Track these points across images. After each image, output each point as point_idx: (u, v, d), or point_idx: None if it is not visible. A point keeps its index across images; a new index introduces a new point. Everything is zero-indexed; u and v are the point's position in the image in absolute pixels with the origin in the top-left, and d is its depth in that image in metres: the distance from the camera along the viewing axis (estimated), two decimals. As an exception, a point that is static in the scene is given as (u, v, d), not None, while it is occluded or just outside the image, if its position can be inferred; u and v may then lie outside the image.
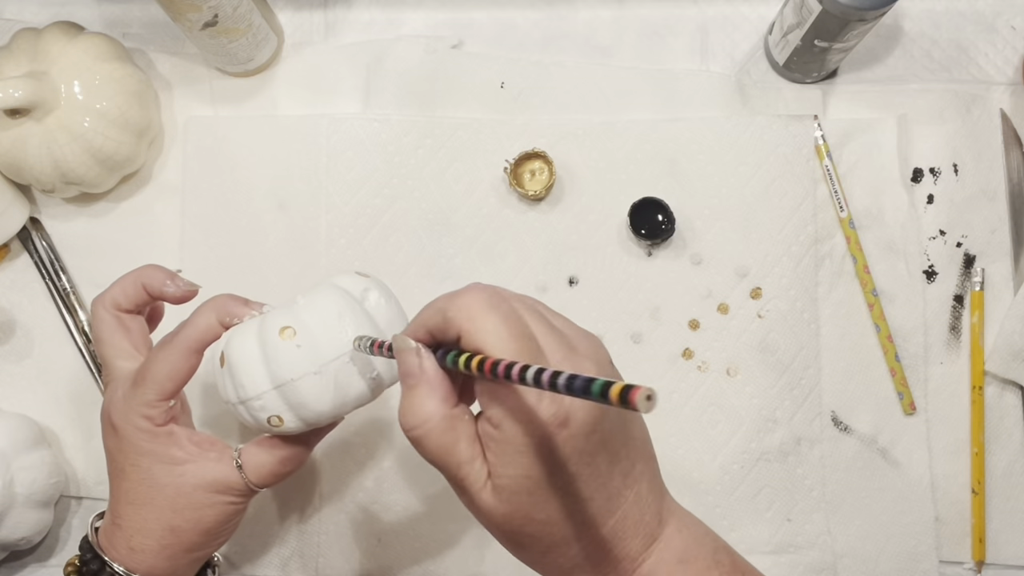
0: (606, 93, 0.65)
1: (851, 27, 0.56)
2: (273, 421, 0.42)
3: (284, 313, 0.42)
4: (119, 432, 0.45)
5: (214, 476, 0.45)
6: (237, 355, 0.42)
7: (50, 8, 0.68)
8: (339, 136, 0.64)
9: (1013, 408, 0.62)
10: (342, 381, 0.42)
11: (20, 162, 0.59)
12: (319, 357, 0.41)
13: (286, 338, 0.41)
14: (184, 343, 0.44)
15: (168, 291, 0.47)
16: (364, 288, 0.44)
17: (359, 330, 0.42)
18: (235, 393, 0.43)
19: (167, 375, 0.44)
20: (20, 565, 0.62)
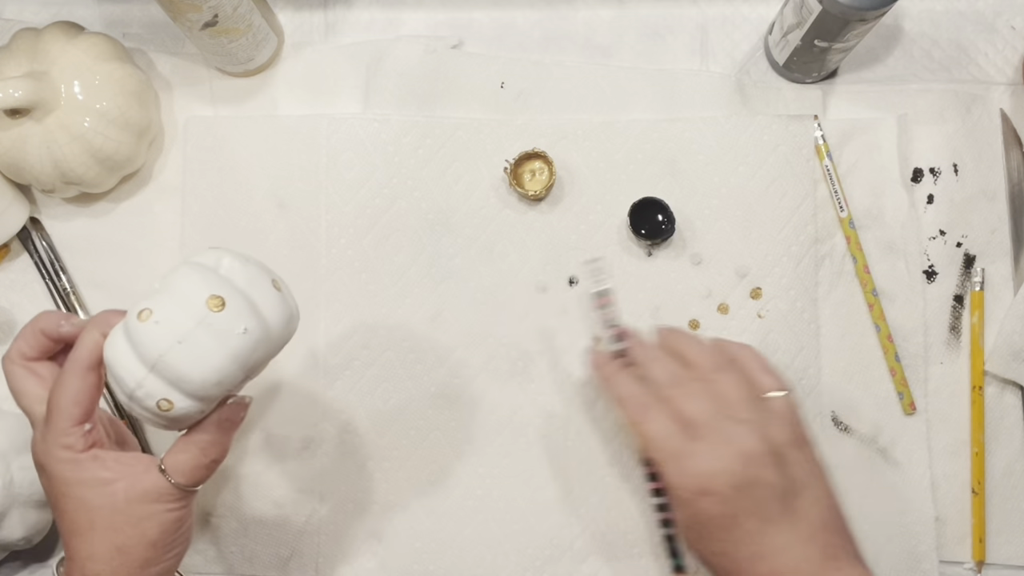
0: (606, 93, 0.65)
1: (851, 27, 0.56)
2: (163, 405, 0.42)
3: (142, 300, 0.42)
4: (46, 469, 0.45)
5: (144, 487, 0.45)
6: (110, 354, 0.42)
7: (50, 8, 0.68)
8: (339, 136, 0.64)
9: (1013, 408, 0.62)
10: (210, 343, 0.41)
11: (20, 162, 0.59)
12: (179, 327, 0.41)
13: (144, 319, 0.41)
14: (75, 365, 0.44)
15: (64, 331, 0.47)
16: (217, 257, 0.44)
17: (212, 290, 0.42)
18: (121, 392, 0.43)
19: (70, 400, 0.44)
20: (20, 565, 0.62)
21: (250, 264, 0.45)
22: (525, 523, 0.61)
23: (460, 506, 0.61)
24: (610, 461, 0.61)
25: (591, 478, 0.61)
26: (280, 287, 0.45)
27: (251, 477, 0.62)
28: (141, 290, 0.63)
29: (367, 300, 0.63)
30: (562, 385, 0.62)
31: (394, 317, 0.63)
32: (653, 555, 0.60)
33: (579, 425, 0.62)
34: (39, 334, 0.47)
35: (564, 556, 0.61)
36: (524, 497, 0.61)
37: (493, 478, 0.61)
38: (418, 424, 0.62)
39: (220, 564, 0.62)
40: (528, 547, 0.61)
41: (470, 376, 0.62)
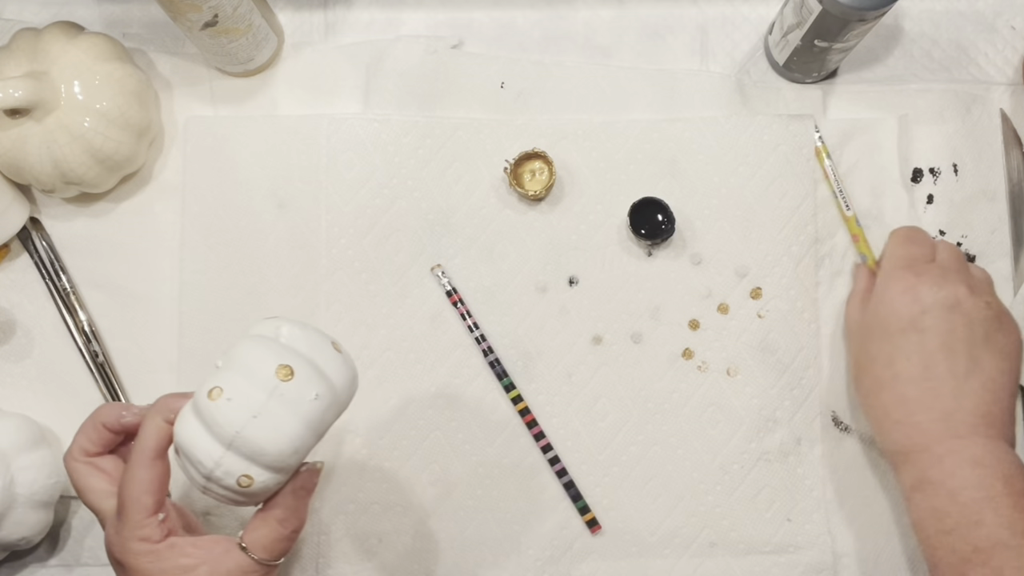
0: (606, 93, 0.65)
1: (851, 27, 0.56)
2: (243, 481, 0.42)
3: (209, 379, 0.42)
4: (125, 565, 0.45)
5: (227, 568, 0.45)
6: (184, 437, 0.42)
7: (50, 8, 0.68)
8: (339, 136, 0.64)
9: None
10: (285, 413, 0.42)
11: (20, 162, 0.59)
12: (252, 401, 0.41)
13: (215, 398, 0.41)
14: (142, 455, 0.44)
15: (125, 421, 0.48)
16: (276, 326, 0.44)
17: (279, 360, 0.42)
18: (198, 473, 0.42)
19: (140, 491, 0.44)
20: (20, 565, 0.62)
21: (308, 329, 0.45)
22: (525, 523, 0.61)
23: (460, 506, 0.61)
24: (610, 461, 0.61)
25: (591, 478, 0.61)
26: (339, 348, 0.46)
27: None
28: (140, 290, 0.63)
29: (367, 300, 0.63)
30: (562, 385, 0.62)
31: (394, 317, 0.63)
32: (653, 555, 0.61)
33: (579, 425, 0.62)
34: (100, 428, 0.47)
35: (564, 556, 0.61)
36: (524, 497, 0.61)
37: (493, 478, 0.61)
38: (418, 424, 0.62)
39: (220, 564, 0.62)
40: (528, 547, 0.61)
41: (470, 376, 0.62)
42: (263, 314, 0.63)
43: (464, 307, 0.62)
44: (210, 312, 0.63)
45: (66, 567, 0.62)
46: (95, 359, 0.63)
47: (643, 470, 0.61)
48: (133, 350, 0.64)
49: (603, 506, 0.61)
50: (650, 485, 0.61)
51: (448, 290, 0.62)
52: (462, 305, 0.62)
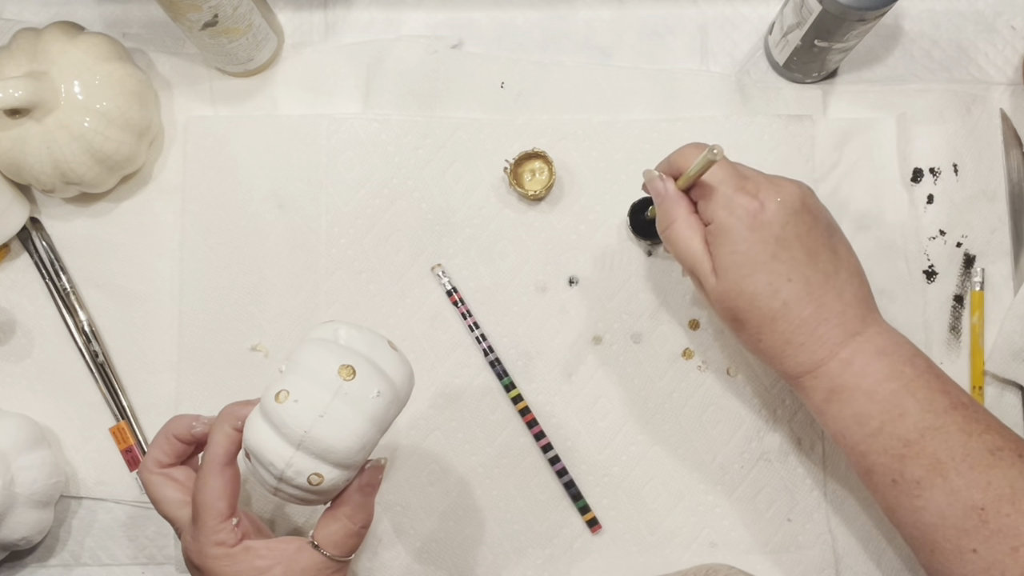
0: (606, 93, 0.65)
1: (851, 27, 0.56)
2: (313, 480, 0.43)
3: (274, 384, 0.44)
4: (203, 570, 0.46)
5: (302, 566, 0.46)
6: (254, 441, 0.44)
7: (50, 8, 0.68)
8: (339, 136, 0.64)
9: (1013, 408, 0.62)
10: (350, 412, 0.43)
11: (20, 162, 0.59)
12: (318, 401, 0.43)
13: (283, 400, 0.43)
14: (213, 463, 0.46)
15: (196, 432, 0.49)
16: (333, 329, 0.46)
17: (341, 360, 0.44)
18: (270, 475, 0.44)
19: (214, 497, 0.45)
20: (20, 565, 0.62)
21: (364, 330, 0.47)
22: (525, 523, 0.61)
23: (460, 506, 0.61)
24: (610, 461, 0.61)
25: (591, 478, 0.61)
26: (395, 346, 0.47)
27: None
28: (140, 290, 0.63)
29: (367, 300, 0.63)
30: (562, 385, 0.62)
31: (394, 317, 0.63)
32: (653, 555, 0.60)
33: (578, 425, 0.62)
34: (172, 439, 0.49)
35: (564, 556, 0.61)
36: (524, 497, 0.61)
37: (493, 478, 0.61)
38: (418, 424, 0.62)
39: (220, 564, 0.62)
40: (528, 547, 0.61)
41: (470, 376, 0.62)
42: (263, 314, 0.63)
43: (464, 307, 0.62)
44: (210, 312, 0.63)
45: (66, 567, 0.62)
46: (95, 359, 0.63)
47: (643, 470, 0.61)
48: (133, 350, 0.64)
49: (603, 506, 0.61)
50: (650, 485, 0.61)
51: (448, 289, 0.62)
52: (462, 305, 0.62)
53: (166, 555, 0.62)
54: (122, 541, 0.63)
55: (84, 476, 0.63)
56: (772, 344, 0.49)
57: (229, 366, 0.63)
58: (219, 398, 0.62)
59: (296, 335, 0.63)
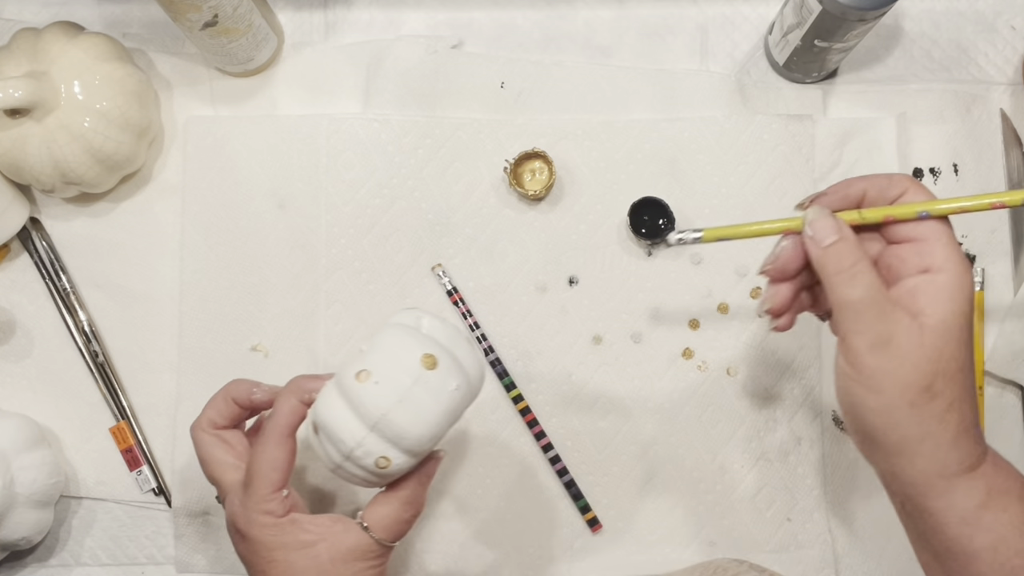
0: (606, 93, 0.65)
1: (851, 27, 0.56)
2: (380, 463, 0.44)
3: (354, 362, 0.44)
4: (247, 536, 0.46)
5: (348, 546, 0.46)
6: (327, 416, 0.44)
7: (50, 8, 0.68)
8: (339, 136, 0.64)
9: (1013, 408, 0.62)
10: (427, 400, 0.43)
11: (20, 162, 0.59)
12: (399, 386, 0.43)
13: (363, 380, 0.43)
14: (275, 433, 0.46)
15: (256, 398, 0.50)
16: (416, 317, 0.46)
17: (424, 349, 0.44)
18: (337, 452, 0.44)
19: (270, 467, 0.45)
20: (20, 565, 0.62)
21: (446, 323, 0.47)
22: (525, 523, 0.61)
23: (460, 506, 0.61)
24: (610, 461, 0.61)
25: (591, 478, 0.61)
26: (471, 341, 0.48)
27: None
28: (140, 290, 0.63)
29: (367, 300, 0.63)
30: (562, 385, 0.62)
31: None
32: (653, 554, 0.60)
33: (578, 425, 0.62)
34: (230, 402, 0.49)
35: (564, 555, 0.61)
36: (524, 497, 0.61)
37: (493, 478, 0.61)
38: (418, 424, 0.62)
39: (220, 564, 0.62)
40: (528, 547, 0.61)
41: (470, 376, 0.62)
42: (263, 314, 0.63)
43: (464, 307, 0.62)
44: (210, 312, 0.63)
45: (66, 567, 0.62)
46: (95, 359, 0.63)
47: (643, 470, 0.61)
48: (133, 350, 0.64)
49: (603, 505, 0.61)
50: (650, 485, 0.61)
51: (448, 290, 0.62)
52: (462, 305, 0.62)
53: (166, 555, 0.62)
54: (122, 541, 0.63)
55: (84, 476, 0.63)
56: (953, 430, 0.40)
57: (229, 366, 0.63)
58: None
59: (296, 335, 0.63)
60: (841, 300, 0.40)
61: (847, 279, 0.40)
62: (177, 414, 0.62)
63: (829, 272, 0.41)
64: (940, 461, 0.40)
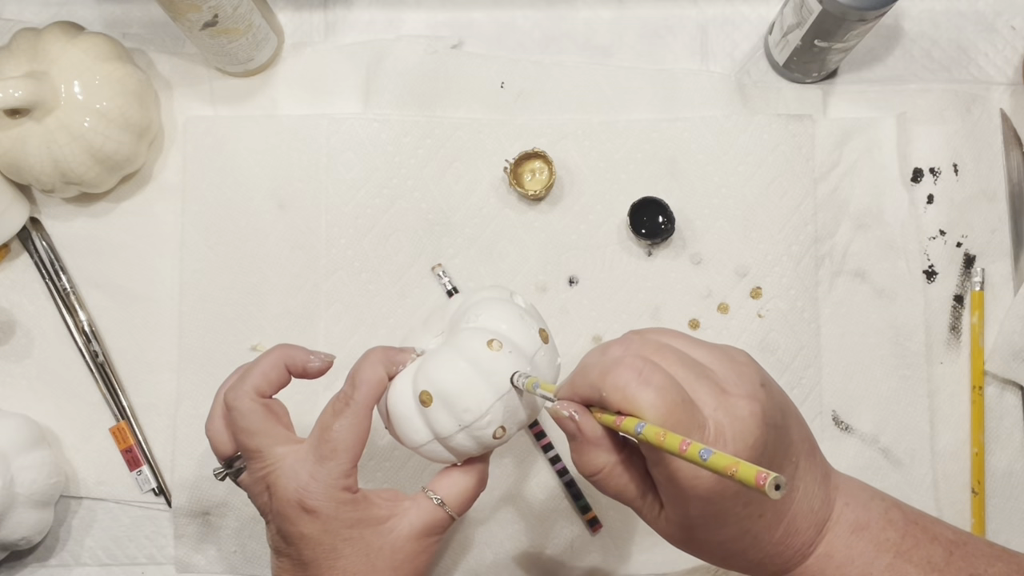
0: (606, 93, 0.65)
1: (851, 27, 0.56)
2: (497, 433, 0.43)
3: (473, 335, 0.43)
4: (319, 514, 0.43)
5: (423, 522, 0.45)
6: (451, 383, 0.42)
7: (50, 8, 0.68)
8: (339, 136, 0.64)
9: (1013, 408, 0.62)
10: (546, 369, 0.44)
11: (20, 162, 0.59)
12: (525, 355, 0.43)
13: (496, 349, 0.42)
14: (364, 404, 0.44)
15: (313, 366, 0.47)
16: (509, 292, 0.47)
17: (539, 323, 0.45)
18: (456, 422, 0.42)
19: (355, 440, 0.44)
20: (20, 565, 0.62)
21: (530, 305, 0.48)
22: (525, 523, 0.61)
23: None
24: (610, 461, 0.61)
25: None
26: None
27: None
28: (140, 290, 0.63)
29: (367, 300, 0.63)
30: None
31: (394, 317, 0.63)
32: (653, 554, 0.60)
33: (579, 425, 0.62)
34: (282, 369, 0.46)
35: (564, 555, 0.61)
36: (524, 497, 0.61)
37: (493, 478, 0.61)
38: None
39: (220, 564, 0.62)
40: (528, 547, 0.61)
41: (470, 376, 0.62)
42: (263, 314, 0.63)
43: (464, 307, 0.62)
44: (210, 312, 0.63)
45: (66, 567, 0.62)
46: (95, 359, 0.63)
47: (643, 470, 0.61)
48: (133, 350, 0.64)
49: (603, 505, 0.61)
50: (650, 485, 0.61)
51: (448, 289, 0.62)
52: (462, 305, 0.62)
53: (166, 555, 0.62)
54: (122, 541, 0.63)
55: (84, 476, 0.63)
56: (737, 567, 0.41)
57: (229, 366, 0.62)
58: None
59: (296, 335, 0.63)
60: None
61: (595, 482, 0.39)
62: (177, 414, 0.62)
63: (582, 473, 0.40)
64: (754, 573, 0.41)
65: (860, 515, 0.41)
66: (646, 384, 0.35)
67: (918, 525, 0.41)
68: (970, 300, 0.63)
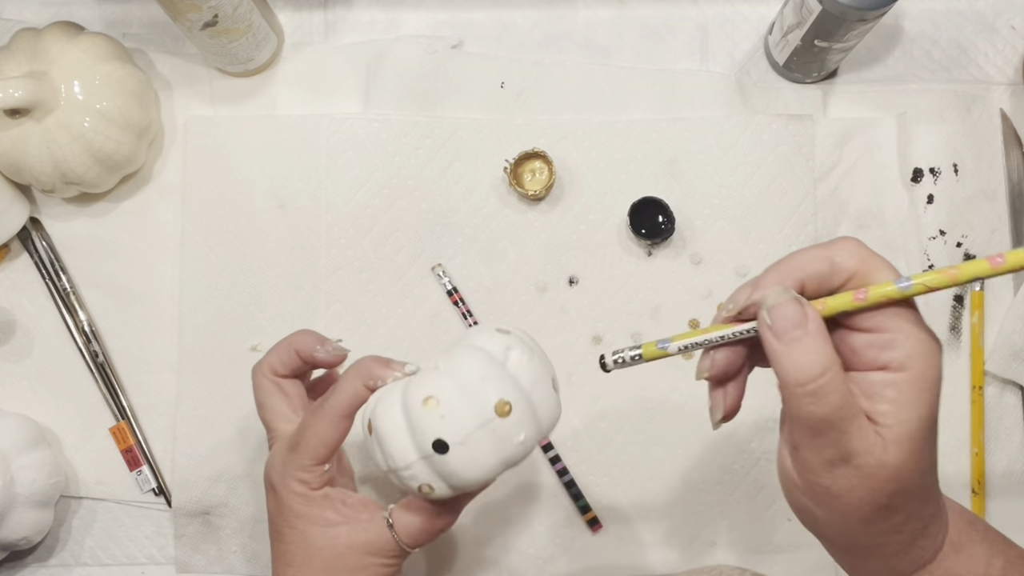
0: (606, 93, 0.65)
1: (851, 27, 0.56)
2: (424, 489, 0.42)
3: (426, 380, 0.41)
4: (278, 494, 0.46)
5: (367, 538, 0.45)
6: (384, 425, 0.42)
7: (50, 8, 0.68)
8: (339, 136, 0.64)
9: (1013, 408, 0.62)
10: (488, 448, 0.41)
11: (20, 162, 0.59)
12: (463, 426, 0.40)
13: (430, 408, 0.40)
14: (333, 410, 0.45)
15: (319, 356, 0.48)
16: (506, 347, 0.42)
17: (501, 393, 0.41)
18: (384, 462, 0.43)
19: (319, 441, 0.45)
20: (20, 565, 0.62)
21: (535, 358, 0.43)
22: (525, 523, 0.61)
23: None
24: (610, 461, 0.61)
25: (591, 478, 0.61)
26: (556, 386, 0.44)
27: (251, 477, 0.62)
28: (140, 290, 0.63)
29: (367, 300, 0.63)
30: (562, 385, 0.62)
31: (394, 317, 0.63)
32: (653, 554, 0.60)
33: (578, 425, 0.62)
34: (293, 353, 0.49)
35: (564, 555, 0.61)
36: (524, 497, 0.61)
37: (493, 478, 0.61)
38: (418, 424, 0.62)
39: (220, 564, 0.62)
40: (528, 547, 0.61)
41: (470, 376, 0.62)
42: (263, 314, 0.63)
43: (464, 307, 0.62)
44: (210, 312, 0.63)
45: (66, 567, 0.62)
46: (95, 359, 0.63)
47: (643, 470, 0.61)
48: (133, 350, 0.64)
49: (603, 506, 0.61)
50: (650, 485, 0.61)
51: (448, 290, 0.62)
52: (462, 305, 0.62)
53: (166, 555, 0.62)
54: (122, 541, 0.63)
55: (84, 476, 0.63)
56: (908, 538, 0.37)
57: (229, 366, 0.63)
58: (219, 398, 0.62)
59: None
60: (800, 416, 0.34)
61: (810, 393, 0.33)
62: (177, 414, 0.62)
63: (790, 382, 0.34)
64: (892, 566, 0.37)
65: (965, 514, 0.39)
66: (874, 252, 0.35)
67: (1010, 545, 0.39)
68: (970, 300, 0.63)
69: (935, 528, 0.37)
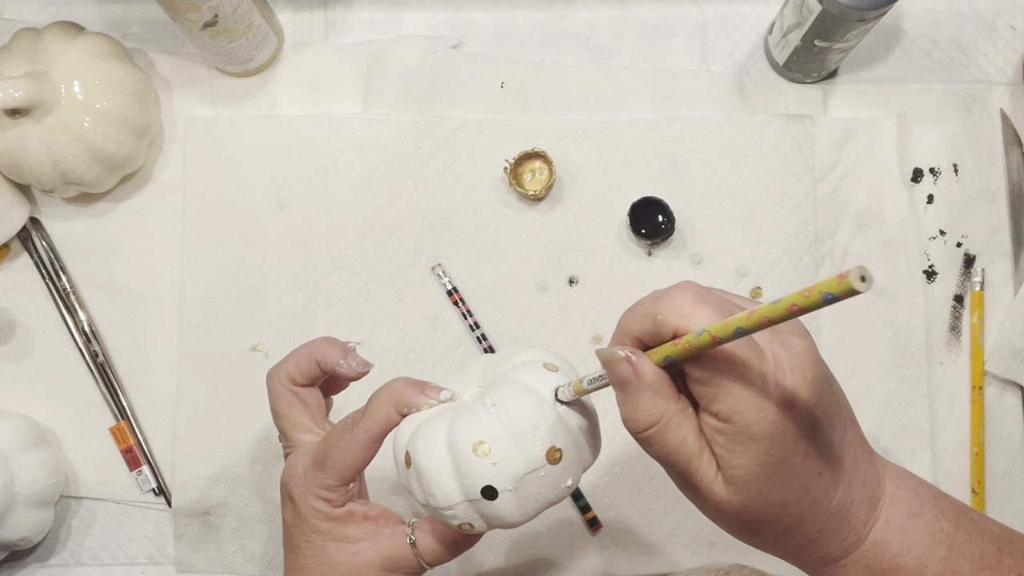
0: (606, 93, 0.65)
1: (851, 27, 0.56)
2: (464, 527, 0.41)
3: (473, 421, 0.40)
4: (297, 508, 0.45)
5: (387, 554, 0.45)
6: (427, 463, 0.40)
7: (50, 8, 0.68)
8: (339, 136, 0.64)
9: (1013, 408, 0.62)
10: (535, 494, 0.40)
11: (20, 162, 0.59)
12: (514, 474, 0.39)
13: (481, 455, 0.39)
14: (364, 435, 0.43)
15: (341, 370, 0.47)
16: (553, 383, 0.41)
17: (553, 440, 0.39)
18: (424, 498, 0.41)
19: (347, 464, 0.44)
20: (20, 565, 0.62)
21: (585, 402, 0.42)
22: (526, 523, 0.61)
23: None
24: (610, 461, 0.61)
25: (591, 477, 0.61)
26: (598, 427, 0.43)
27: (251, 477, 0.62)
28: (140, 290, 0.63)
29: (367, 300, 0.63)
30: (562, 385, 0.62)
31: (394, 317, 0.63)
32: (653, 554, 0.60)
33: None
34: (314, 363, 0.47)
35: (564, 556, 0.61)
36: (524, 497, 0.61)
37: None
38: (418, 424, 0.62)
39: (220, 564, 0.62)
40: (529, 547, 0.61)
41: (470, 376, 0.62)
42: (263, 314, 0.63)
43: (464, 307, 0.62)
44: (210, 312, 0.63)
45: (66, 567, 0.62)
46: (95, 359, 0.63)
47: (643, 470, 0.61)
48: (133, 350, 0.64)
49: (603, 505, 0.61)
50: (650, 485, 0.61)
51: (448, 290, 0.62)
52: (462, 305, 0.62)
53: (166, 555, 0.62)
54: (122, 541, 0.63)
55: (84, 476, 0.63)
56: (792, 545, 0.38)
57: (229, 366, 0.63)
58: (219, 398, 0.62)
59: (296, 335, 0.63)
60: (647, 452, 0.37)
61: (644, 440, 0.36)
62: (177, 414, 0.62)
63: (627, 429, 0.36)
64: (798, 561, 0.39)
65: (913, 501, 0.39)
66: (704, 303, 0.34)
67: (967, 517, 0.39)
68: (970, 300, 0.63)
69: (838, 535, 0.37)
